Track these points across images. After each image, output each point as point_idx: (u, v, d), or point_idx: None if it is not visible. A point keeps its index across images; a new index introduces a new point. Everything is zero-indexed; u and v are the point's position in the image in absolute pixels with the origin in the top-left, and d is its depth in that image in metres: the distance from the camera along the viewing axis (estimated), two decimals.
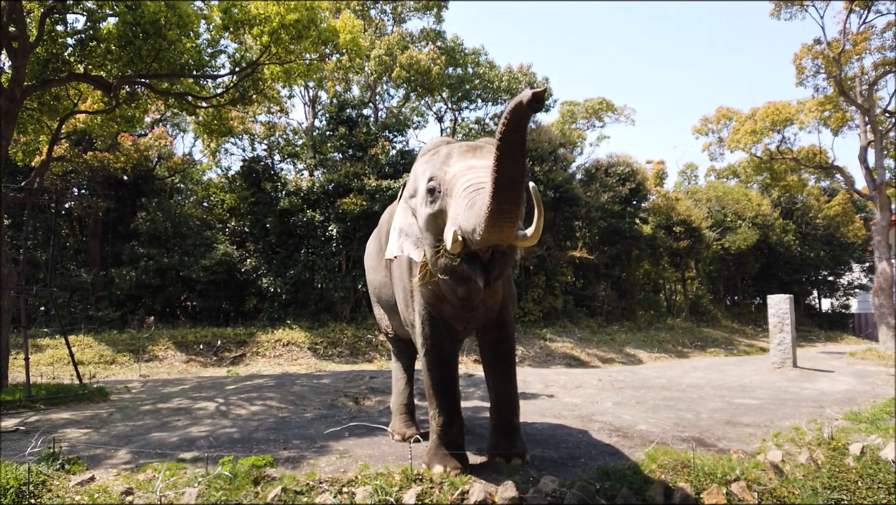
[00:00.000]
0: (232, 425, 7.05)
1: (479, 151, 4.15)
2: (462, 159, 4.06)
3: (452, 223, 3.76)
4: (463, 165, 3.97)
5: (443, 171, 4.03)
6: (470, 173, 3.86)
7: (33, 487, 4.39)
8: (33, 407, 8.40)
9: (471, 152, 4.14)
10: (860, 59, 17.59)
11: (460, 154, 4.13)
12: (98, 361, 13.53)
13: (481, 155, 4.09)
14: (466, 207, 3.62)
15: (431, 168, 4.14)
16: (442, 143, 4.46)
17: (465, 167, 3.94)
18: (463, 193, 3.73)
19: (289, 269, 17.56)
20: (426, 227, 4.12)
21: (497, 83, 20.79)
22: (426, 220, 4.09)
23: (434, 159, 4.25)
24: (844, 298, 30.79)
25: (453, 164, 4.04)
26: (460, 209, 3.69)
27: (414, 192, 4.43)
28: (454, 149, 4.21)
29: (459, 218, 3.67)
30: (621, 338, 18.95)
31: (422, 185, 4.18)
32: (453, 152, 4.17)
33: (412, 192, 4.48)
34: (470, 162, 4.00)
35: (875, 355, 14.57)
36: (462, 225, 3.62)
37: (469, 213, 3.57)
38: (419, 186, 4.27)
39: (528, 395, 9.20)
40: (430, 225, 4.08)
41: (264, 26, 10.73)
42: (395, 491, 4.23)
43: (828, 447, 5.14)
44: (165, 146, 19.75)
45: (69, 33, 10.83)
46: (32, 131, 12.36)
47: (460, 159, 4.07)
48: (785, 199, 28.82)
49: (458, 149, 4.20)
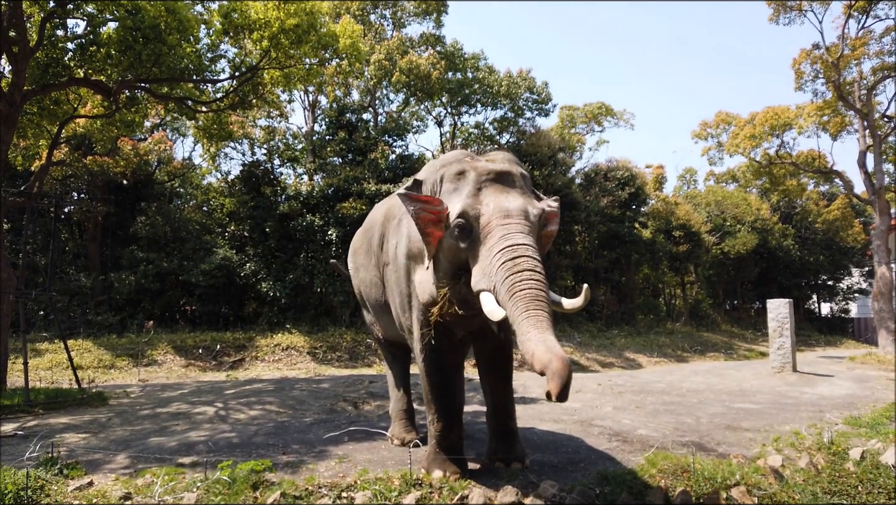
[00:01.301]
0: (231, 430, 7.04)
1: (509, 183, 4.16)
2: (494, 197, 4.04)
3: (484, 276, 3.84)
4: (497, 208, 3.96)
5: (474, 210, 3.99)
6: (507, 227, 3.86)
7: (31, 492, 4.37)
8: (32, 412, 8.39)
9: (501, 186, 4.12)
10: (859, 64, 17.65)
11: (491, 188, 4.10)
12: (97, 366, 13.50)
13: (511, 191, 4.11)
14: (503, 283, 3.68)
15: (460, 199, 4.09)
16: (465, 160, 4.36)
17: (500, 212, 3.93)
18: (500, 256, 3.77)
19: (288, 273, 17.55)
20: (447, 254, 4.18)
21: (497, 88, 20.83)
22: (449, 249, 4.14)
23: (462, 185, 4.18)
24: (844, 302, 30.80)
25: (486, 203, 4.01)
26: (496, 272, 3.75)
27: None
28: (483, 177, 4.14)
29: (496, 281, 3.74)
30: (621, 342, 18.94)
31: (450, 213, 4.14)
32: (483, 183, 4.12)
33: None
34: (503, 204, 3.98)
35: (875, 360, 14.56)
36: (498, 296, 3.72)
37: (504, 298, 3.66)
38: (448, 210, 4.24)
39: (528, 399, 9.19)
40: (451, 254, 4.15)
41: (264, 31, 10.75)
42: (395, 496, 4.22)
43: (828, 452, 5.13)
44: (165, 151, 19.77)
45: (69, 38, 10.85)
46: (32, 136, 12.38)
47: (493, 197, 4.04)
48: (784, 203, 28.85)
49: (486, 178, 4.14)
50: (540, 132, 21.93)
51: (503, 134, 22.46)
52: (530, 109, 22.05)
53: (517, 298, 3.58)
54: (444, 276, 4.23)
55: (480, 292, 3.84)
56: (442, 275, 4.25)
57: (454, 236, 4.05)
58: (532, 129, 22.36)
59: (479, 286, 3.86)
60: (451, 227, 4.06)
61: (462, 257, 4.08)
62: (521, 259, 3.70)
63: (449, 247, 4.13)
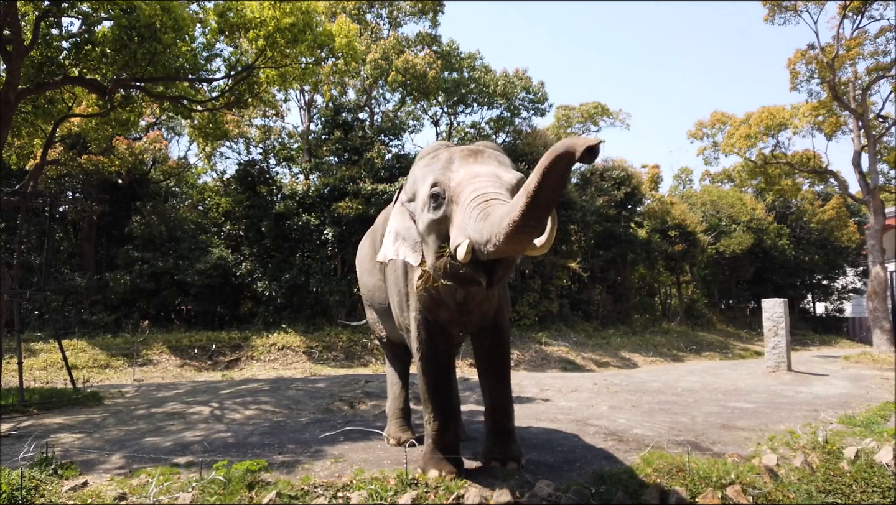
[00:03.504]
0: (226, 430, 7.02)
1: (481, 157, 4.12)
2: (465, 165, 4.02)
3: (460, 232, 3.71)
4: (467, 172, 3.93)
5: (446, 177, 3.97)
6: (476, 182, 3.82)
7: (26, 493, 4.35)
8: (27, 411, 8.36)
9: (473, 157, 4.10)
10: (854, 64, 17.71)
11: (462, 159, 4.09)
12: (92, 366, 13.46)
13: (483, 160, 4.07)
14: (478, 219, 3.57)
15: (433, 173, 4.08)
16: (441, 147, 4.42)
17: (470, 175, 3.90)
18: (472, 203, 3.70)
19: (284, 273, 17.52)
20: (427, 231, 4.08)
21: (493, 87, 20.84)
22: (428, 224, 4.05)
23: (434, 164, 4.19)
24: (838, 301, 30.90)
25: (457, 170, 4.00)
26: (470, 219, 3.65)
27: (413, 197, 4.38)
28: (455, 153, 4.17)
29: (469, 228, 3.62)
30: (617, 342, 18.97)
31: (423, 190, 4.13)
32: (455, 157, 4.13)
33: (410, 195, 4.43)
34: (474, 168, 3.96)
35: (869, 359, 14.62)
36: (474, 236, 3.57)
37: (483, 225, 3.51)
38: (419, 191, 4.22)
39: (524, 399, 9.20)
40: (431, 230, 4.04)
41: (260, 30, 10.72)
42: (390, 495, 4.22)
43: (822, 451, 5.14)
44: (160, 150, 19.72)
45: (64, 37, 10.80)
46: (27, 135, 12.31)
47: (463, 165, 4.03)
48: (779, 203, 28.94)
49: (459, 153, 4.16)
50: (536, 132, 21.94)
51: (499, 133, 22.47)
52: (526, 109, 22.07)
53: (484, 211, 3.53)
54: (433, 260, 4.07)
55: (456, 248, 3.68)
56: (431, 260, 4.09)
57: (430, 208, 3.98)
58: (528, 128, 22.38)
59: (457, 241, 3.71)
60: (426, 200, 4.01)
61: (443, 231, 3.95)
62: (494, 201, 3.60)
63: (428, 224, 4.02)
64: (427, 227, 4.06)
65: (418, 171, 4.35)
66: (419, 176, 4.30)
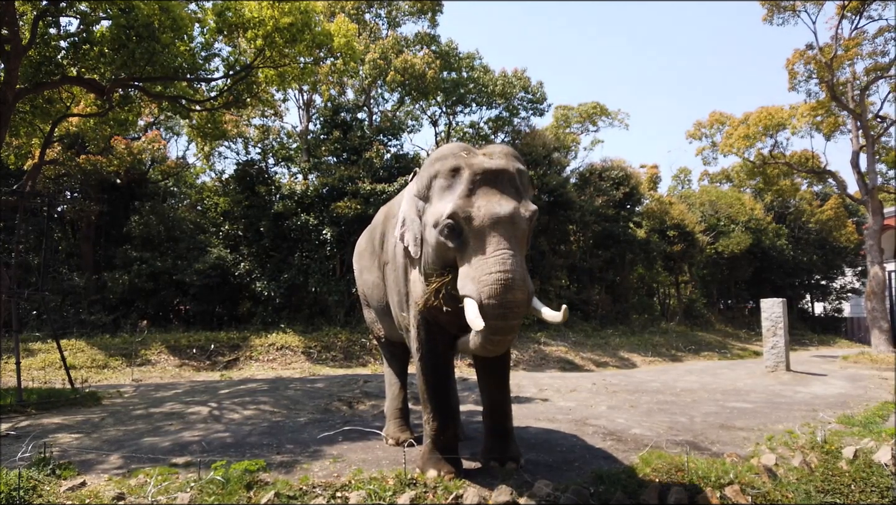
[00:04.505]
0: (225, 430, 7.01)
1: (501, 183, 4.14)
2: (486, 199, 4.03)
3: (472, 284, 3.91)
4: (487, 214, 3.97)
5: (465, 213, 3.99)
6: (495, 236, 3.93)
7: (24, 493, 4.34)
8: (24, 412, 8.34)
9: (493, 185, 4.11)
10: (852, 65, 17.73)
11: (483, 185, 4.09)
12: (90, 366, 13.44)
13: (504, 190, 4.11)
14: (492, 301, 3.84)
15: (453, 199, 4.07)
16: (461, 154, 4.31)
17: (491, 219, 3.96)
18: (490, 267, 3.88)
19: (283, 273, 17.50)
20: (435, 250, 4.23)
21: (491, 87, 20.85)
22: (438, 245, 4.18)
23: (455, 183, 4.16)
24: (837, 301, 30.91)
25: (476, 206, 4.01)
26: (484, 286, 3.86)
27: (424, 197, 4.41)
28: (478, 175, 4.11)
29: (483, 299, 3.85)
30: (615, 342, 18.97)
31: (438, 209, 4.15)
32: (475, 183, 4.09)
33: (422, 195, 4.43)
34: (495, 209, 3.98)
35: (868, 359, 14.63)
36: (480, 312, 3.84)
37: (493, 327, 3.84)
38: (435, 204, 4.24)
39: (523, 399, 9.20)
40: (439, 250, 4.20)
41: (258, 30, 10.71)
42: (389, 495, 4.21)
43: (821, 451, 5.15)
44: (159, 150, 19.68)
45: (62, 36, 10.78)
46: (25, 134, 12.30)
47: (484, 198, 4.04)
48: (778, 203, 28.96)
49: (481, 176, 4.11)
50: (535, 132, 21.95)
51: (498, 133, 22.48)
52: (525, 109, 22.08)
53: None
54: (431, 271, 4.33)
55: (465, 297, 3.94)
56: (430, 270, 4.35)
57: (444, 235, 4.09)
58: (527, 128, 22.39)
59: (465, 291, 3.95)
60: (441, 227, 4.08)
61: (450, 256, 4.15)
62: (509, 274, 3.84)
63: (438, 244, 4.18)
64: (434, 246, 4.23)
65: (436, 183, 4.30)
66: (436, 188, 4.28)
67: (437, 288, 4.25)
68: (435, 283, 4.27)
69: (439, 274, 4.27)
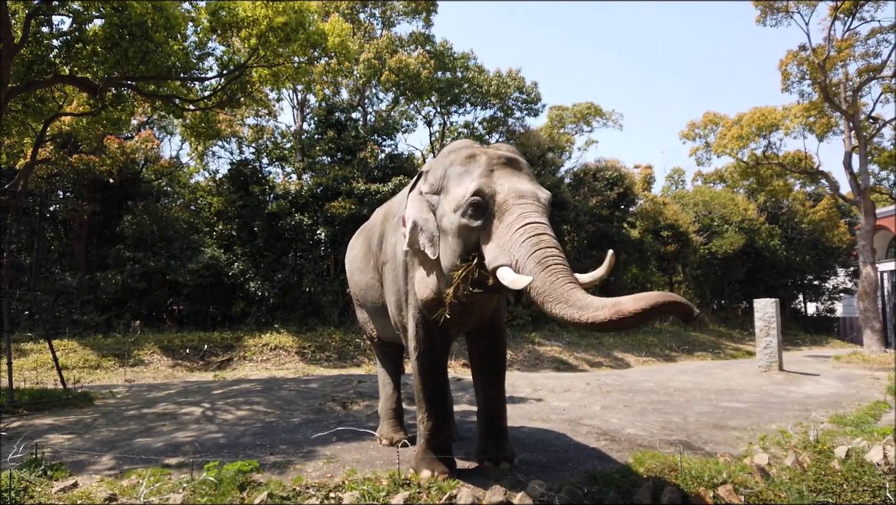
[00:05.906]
0: (218, 430, 6.99)
1: (517, 168, 4.18)
2: (507, 178, 4.05)
3: (503, 252, 3.78)
4: (511, 189, 3.96)
5: (490, 189, 3.97)
6: (523, 205, 3.87)
7: (15, 494, 4.32)
8: (16, 412, 8.29)
9: (511, 169, 4.14)
10: (845, 66, 17.82)
11: (501, 168, 4.12)
12: (83, 366, 13.37)
13: (521, 174, 4.15)
14: (534, 259, 3.62)
15: (474, 179, 4.05)
16: (474, 147, 4.35)
17: (515, 193, 3.94)
18: (521, 231, 3.75)
19: (276, 273, 17.46)
20: (456, 234, 4.09)
21: (486, 87, 20.85)
22: (459, 228, 4.05)
23: (473, 167, 4.15)
24: (829, 302, 31.09)
25: (499, 183, 4.01)
26: (518, 247, 3.71)
27: (438, 191, 4.34)
28: (493, 160, 4.15)
29: (520, 260, 3.67)
30: (609, 342, 19.01)
31: (459, 192, 4.09)
32: (494, 166, 4.12)
33: (436, 189, 4.36)
34: (517, 185, 4.00)
35: (860, 359, 14.71)
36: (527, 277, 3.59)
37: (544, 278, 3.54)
38: (452, 190, 4.18)
39: (517, 399, 9.20)
40: (461, 234, 4.06)
41: (252, 29, 10.67)
42: (383, 496, 4.21)
43: (813, 450, 5.17)
44: (152, 149, 19.55)
45: (55, 35, 10.72)
46: (17, 133, 12.23)
47: (504, 177, 4.06)
48: (771, 203, 29.09)
49: (497, 161, 4.15)
50: (529, 132, 21.98)
51: (493, 134, 22.48)
52: (520, 109, 22.09)
53: (552, 269, 3.57)
54: (452, 264, 4.13)
55: (499, 267, 3.76)
56: (450, 264, 4.14)
57: (468, 215, 3.98)
58: (521, 128, 22.41)
59: (498, 261, 3.77)
60: (465, 206, 3.99)
61: (473, 239, 4.01)
62: (545, 237, 3.72)
63: (460, 227, 4.05)
64: (456, 231, 4.08)
65: (453, 171, 4.26)
66: (453, 175, 4.24)
67: (463, 275, 4.07)
68: (461, 269, 4.07)
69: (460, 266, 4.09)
